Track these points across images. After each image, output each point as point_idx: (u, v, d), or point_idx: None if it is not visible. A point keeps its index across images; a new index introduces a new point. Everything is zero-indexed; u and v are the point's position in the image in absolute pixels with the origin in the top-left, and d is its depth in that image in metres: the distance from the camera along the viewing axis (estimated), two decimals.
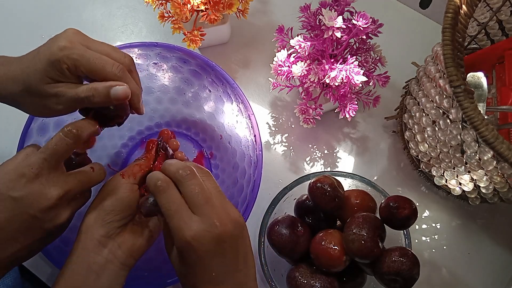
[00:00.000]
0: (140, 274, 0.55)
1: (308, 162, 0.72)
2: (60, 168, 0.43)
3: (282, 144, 0.73)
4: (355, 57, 0.60)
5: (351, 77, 0.58)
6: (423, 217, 0.69)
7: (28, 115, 0.56)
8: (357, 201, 0.59)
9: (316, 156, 0.72)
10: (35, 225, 0.41)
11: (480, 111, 0.43)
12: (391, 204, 0.55)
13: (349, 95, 0.64)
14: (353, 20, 0.58)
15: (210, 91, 0.63)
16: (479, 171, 0.54)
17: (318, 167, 0.72)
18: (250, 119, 0.57)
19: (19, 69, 0.44)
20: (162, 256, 0.55)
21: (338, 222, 0.62)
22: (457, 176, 0.58)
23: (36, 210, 0.40)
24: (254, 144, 0.56)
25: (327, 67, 0.60)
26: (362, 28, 0.58)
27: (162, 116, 0.69)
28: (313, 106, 0.66)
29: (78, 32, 0.44)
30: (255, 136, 0.56)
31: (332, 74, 0.58)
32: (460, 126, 0.52)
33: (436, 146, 0.58)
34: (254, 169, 0.56)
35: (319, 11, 0.62)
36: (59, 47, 0.42)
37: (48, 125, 0.58)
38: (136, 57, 0.60)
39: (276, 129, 0.74)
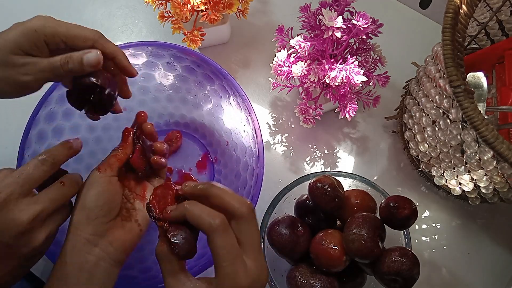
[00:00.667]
0: (131, 274, 0.55)
1: (308, 162, 0.72)
2: (31, 192, 0.41)
3: (282, 144, 0.73)
4: (355, 57, 0.60)
5: (351, 77, 0.58)
6: (423, 217, 0.69)
7: (30, 113, 0.56)
8: (357, 201, 0.58)
9: (316, 156, 0.72)
10: (10, 252, 0.39)
11: (480, 111, 0.43)
12: (391, 204, 0.55)
13: (349, 95, 0.64)
14: (353, 20, 0.58)
15: (221, 97, 0.63)
16: (479, 171, 0.54)
17: (318, 167, 0.72)
18: (255, 132, 0.57)
19: None
20: (153, 257, 0.55)
21: (338, 222, 0.62)
22: (457, 176, 0.58)
23: (8, 237, 0.38)
24: (257, 158, 0.56)
25: (327, 67, 0.60)
26: (362, 28, 0.58)
27: (171, 114, 0.70)
28: (313, 106, 0.66)
29: (50, 17, 0.45)
30: (258, 150, 0.56)
31: (332, 74, 0.58)
32: (460, 126, 0.52)
33: (436, 146, 0.58)
34: (254, 182, 0.56)
35: (319, 11, 0.62)
36: (37, 18, 0.43)
37: (56, 114, 0.59)
38: (149, 55, 0.61)
39: (276, 129, 0.74)
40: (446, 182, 0.61)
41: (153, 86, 0.66)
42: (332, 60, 0.62)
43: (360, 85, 0.60)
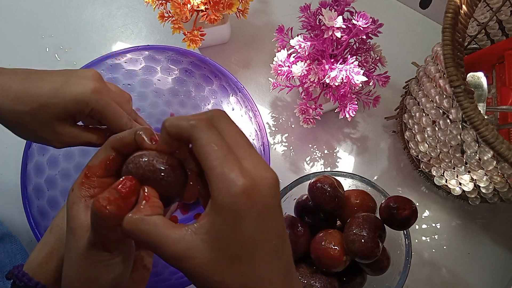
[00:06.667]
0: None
1: (308, 162, 0.72)
2: None
3: (282, 144, 0.73)
4: (355, 57, 0.60)
5: (351, 77, 0.58)
6: (423, 217, 0.69)
7: None
8: (357, 201, 0.58)
9: (316, 156, 0.72)
10: None
11: (480, 111, 0.43)
12: (391, 204, 0.55)
13: (349, 95, 0.64)
14: (353, 20, 0.58)
15: (233, 109, 0.64)
16: (479, 171, 0.54)
17: (318, 167, 0.72)
18: (263, 148, 0.57)
19: (34, 92, 0.42)
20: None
21: (338, 222, 0.62)
22: (457, 176, 0.58)
23: None
24: None
25: (327, 67, 0.60)
26: (362, 28, 0.58)
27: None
28: (313, 106, 0.66)
29: (101, 77, 0.45)
30: None
31: (332, 74, 0.58)
32: (460, 126, 0.52)
33: (436, 146, 0.58)
34: None
35: (319, 11, 0.62)
36: (91, 89, 0.42)
37: None
38: (167, 59, 0.61)
39: (276, 129, 0.74)
40: (446, 182, 0.61)
41: (150, 92, 0.66)
42: (332, 60, 0.62)
43: (360, 85, 0.60)
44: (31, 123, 0.42)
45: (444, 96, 0.54)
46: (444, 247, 0.68)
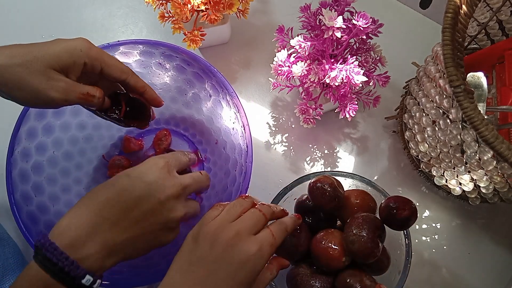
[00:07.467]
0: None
1: (308, 162, 0.72)
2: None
3: (282, 144, 0.73)
4: (355, 57, 0.60)
5: (351, 77, 0.58)
6: (423, 217, 0.69)
7: (20, 111, 0.56)
8: (357, 201, 0.58)
9: (316, 156, 0.72)
10: (157, 209, 0.43)
11: (480, 111, 0.43)
12: (391, 204, 0.55)
13: (349, 95, 0.64)
14: (353, 20, 0.58)
15: (210, 95, 0.63)
16: (479, 171, 0.54)
17: (318, 167, 0.72)
18: (244, 129, 0.58)
19: (26, 49, 0.44)
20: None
21: (338, 222, 0.62)
22: (457, 176, 0.58)
23: (162, 195, 0.43)
24: (246, 154, 0.57)
25: (327, 67, 0.60)
26: (362, 28, 0.58)
27: (161, 113, 0.70)
28: (313, 106, 0.66)
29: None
30: (247, 146, 0.57)
31: (332, 74, 0.58)
32: (460, 126, 0.52)
33: (436, 146, 0.58)
34: (243, 178, 0.57)
35: (319, 11, 0.62)
36: (81, 40, 0.45)
37: (46, 112, 0.59)
38: (141, 54, 0.61)
39: (276, 129, 0.74)
40: (446, 182, 0.61)
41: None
42: (332, 60, 0.62)
43: (360, 85, 0.60)
44: (26, 75, 0.43)
45: (444, 96, 0.54)
46: (444, 247, 0.68)
